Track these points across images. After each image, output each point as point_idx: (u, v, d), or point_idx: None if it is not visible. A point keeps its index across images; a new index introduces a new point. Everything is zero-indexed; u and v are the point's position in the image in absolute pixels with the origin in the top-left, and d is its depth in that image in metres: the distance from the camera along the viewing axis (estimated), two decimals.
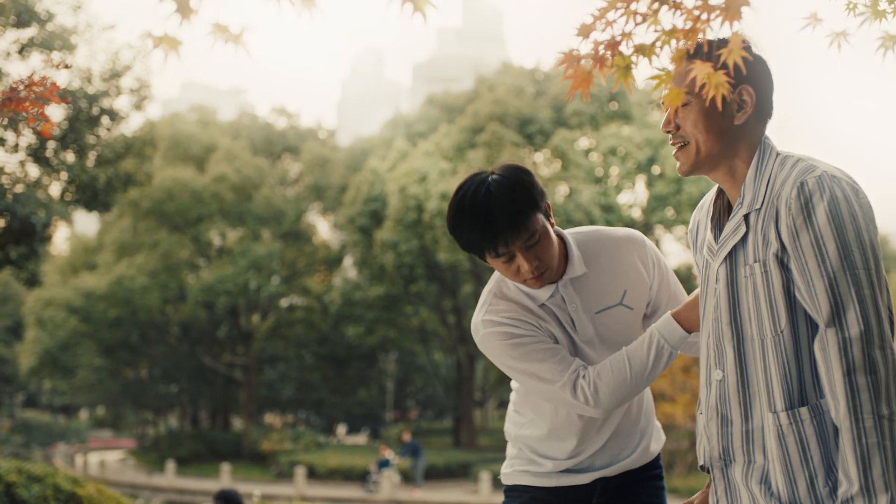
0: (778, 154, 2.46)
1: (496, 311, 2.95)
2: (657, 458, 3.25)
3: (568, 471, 3.12)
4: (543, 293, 2.95)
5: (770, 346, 2.39)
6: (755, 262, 2.41)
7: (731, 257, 2.49)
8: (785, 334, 2.37)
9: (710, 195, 2.69)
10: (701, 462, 2.65)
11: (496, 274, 3.03)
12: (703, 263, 2.65)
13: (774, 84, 2.50)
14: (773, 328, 2.39)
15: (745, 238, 2.45)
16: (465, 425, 42.71)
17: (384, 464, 30.62)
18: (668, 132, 2.54)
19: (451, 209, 2.88)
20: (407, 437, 32.68)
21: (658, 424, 3.30)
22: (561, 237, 2.97)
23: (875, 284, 2.26)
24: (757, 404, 2.43)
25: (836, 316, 2.26)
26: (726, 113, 2.46)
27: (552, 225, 2.90)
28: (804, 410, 2.34)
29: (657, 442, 3.25)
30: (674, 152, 2.55)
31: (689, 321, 2.82)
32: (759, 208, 2.41)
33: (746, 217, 2.44)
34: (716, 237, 2.57)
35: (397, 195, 35.23)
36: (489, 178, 2.83)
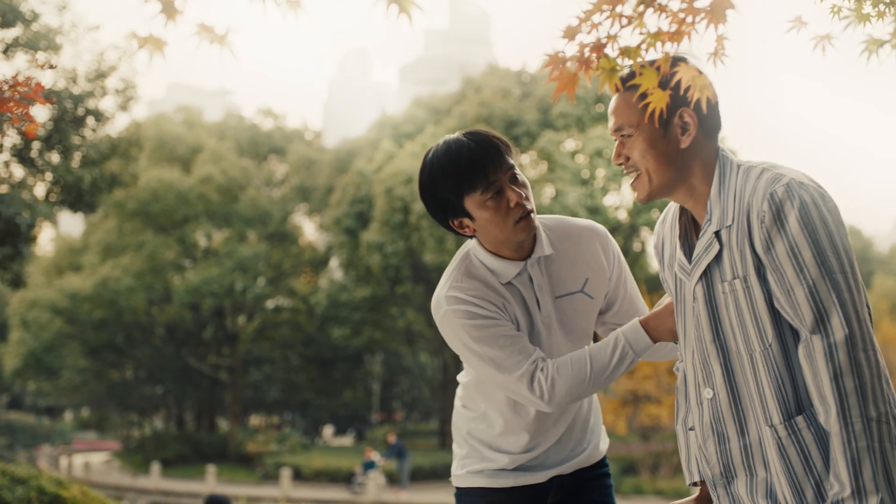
0: (739, 166, 2.46)
1: (461, 289, 2.87)
2: (605, 458, 3.23)
3: (523, 468, 3.06)
4: (511, 270, 2.90)
5: (759, 360, 2.39)
6: (734, 278, 2.40)
7: (707, 275, 2.48)
8: (774, 347, 2.37)
9: (673, 210, 2.69)
10: (696, 479, 2.66)
11: (460, 252, 2.99)
12: (674, 281, 2.63)
13: (717, 96, 2.47)
14: (762, 342, 2.39)
15: (719, 256, 2.44)
16: (450, 427, 42.64)
17: (370, 465, 30.58)
18: (620, 164, 2.54)
19: (426, 166, 2.86)
20: (392, 438, 32.64)
21: (603, 426, 3.28)
22: None
23: (853, 287, 2.28)
24: (751, 418, 2.43)
25: (821, 322, 2.26)
26: (671, 138, 2.46)
27: None
28: (800, 419, 2.34)
29: (604, 442, 3.23)
30: (630, 182, 2.55)
31: (656, 330, 2.79)
32: (731, 224, 2.40)
33: (717, 234, 2.44)
34: (686, 255, 2.56)
35: (384, 197, 35.20)
36: (457, 135, 2.87)
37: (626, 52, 1.85)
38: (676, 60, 2.36)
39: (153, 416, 59.81)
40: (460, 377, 3.17)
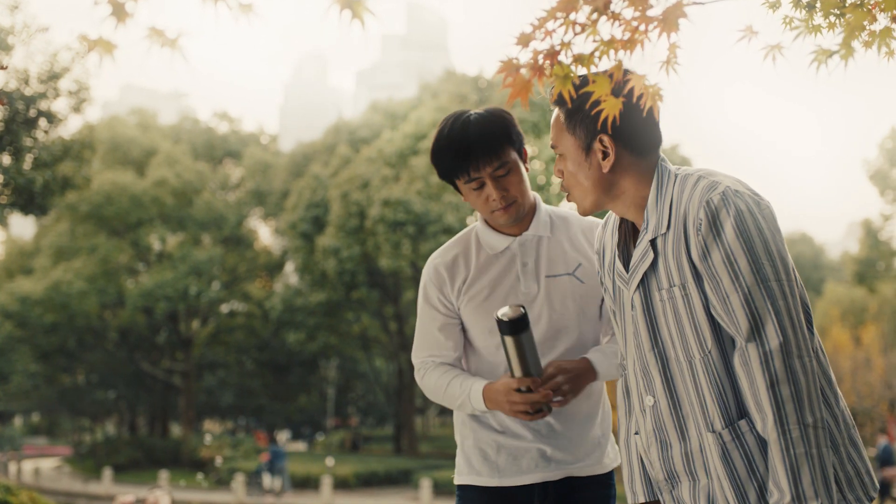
0: (676, 175, 2.48)
1: (440, 255, 3.15)
2: (611, 474, 3.14)
3: (514, 454, 3.02)
4: (499, 243, 3.05)
5: (699, 366, 2.41)
6: (672, 286, 2.42)
7: (644, 284, 2.50)
8: (713, 354, 2.39)
9: (615, 216, 2.71)
10: (640, 499, 2.64)
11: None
12: (613, 288, 2.66)
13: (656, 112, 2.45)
14: (701, 349, 2.40)
15: (654, 264, 2.46)
16: (406, 432, 42.63)
17: (262, 468, 30.88)
18: (560, 178, 2.62)
19: (434, 139, 3.02)
20: (266, 457, 31.94)
21: (614, 443, 3.18)
22: (534, 197, 3.06)
23: (787, 294, 2.30)
24: (692, 425, 2.45)
25: (756, 330, 2.29)
26: (593, 163, 2.50)
27: (526, 169, 3.01)
28: (743, 423, 2.36)
29: (610, 458, 3.15)
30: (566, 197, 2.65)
31: (488, 399, 2.94)
32: (666, 232, 2.42)
33: (653, 242, 2.46)
34: (624, 264, 2.59)
35: (339, 201, 35.13)
36: (471, 112, 3.00)
37: (579, 59, 1.86)
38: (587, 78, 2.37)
39: (105, 421, 59.20)
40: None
